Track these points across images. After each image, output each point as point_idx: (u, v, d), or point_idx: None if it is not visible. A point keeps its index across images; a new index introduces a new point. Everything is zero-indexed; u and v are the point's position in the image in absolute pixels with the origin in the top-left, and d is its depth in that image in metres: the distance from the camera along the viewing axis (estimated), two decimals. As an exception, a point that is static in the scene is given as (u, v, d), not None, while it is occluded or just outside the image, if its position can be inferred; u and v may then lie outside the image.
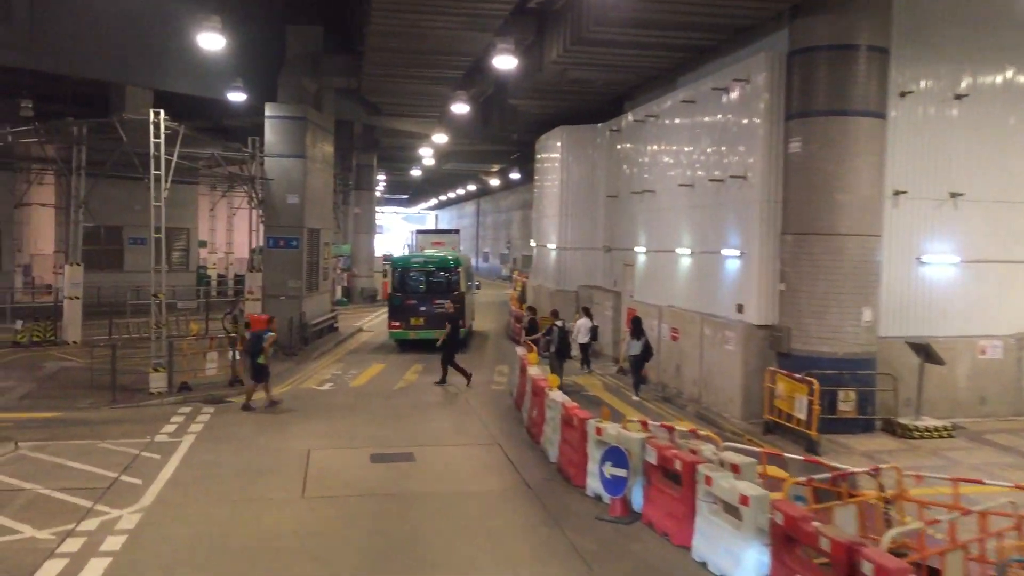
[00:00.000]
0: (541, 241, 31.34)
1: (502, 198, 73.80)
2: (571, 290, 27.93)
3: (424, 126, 35.67)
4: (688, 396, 19.54)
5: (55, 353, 24.29)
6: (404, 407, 19.31)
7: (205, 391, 19.97)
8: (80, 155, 25.47)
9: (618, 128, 25.72)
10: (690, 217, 20.29)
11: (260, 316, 25.99)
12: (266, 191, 27.50)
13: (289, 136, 27.26)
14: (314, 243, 29.12)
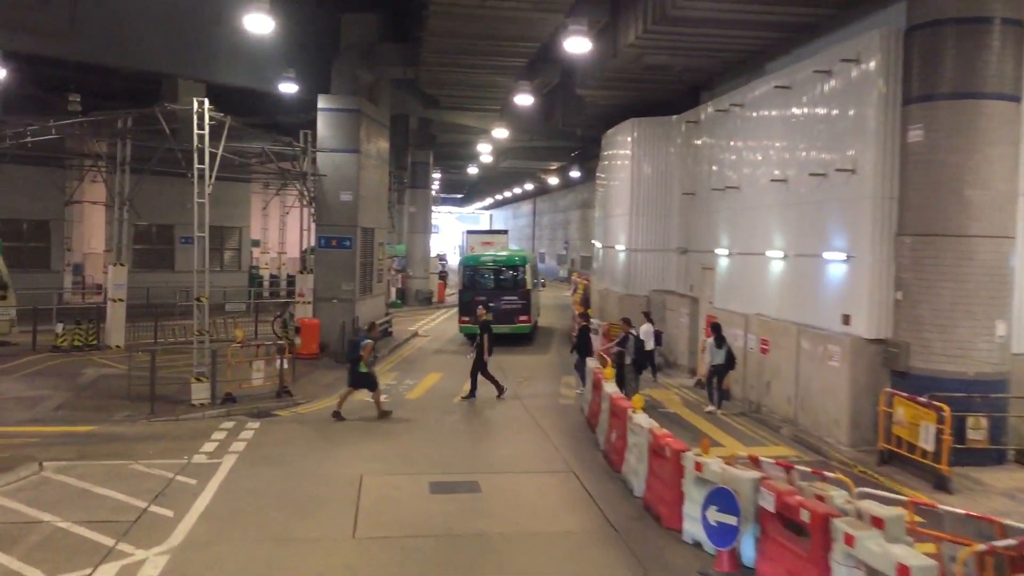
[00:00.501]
0: (608, 242, 29.40)
1: (560, 197, 71.94)
2: (641, 295, 25.95)
3: (483, 120, 33.97)
4: (781, 416, 17.47)
5: (96, 358, 23.07)
6: (465, 424, 17.59)
7: (250, 403, 18.50)
8: (124, 150, 24.24)
9: (696, 120, 23.68)
10: (783, 216, 18.22)
11: (311, 320, 24.65)
12: (318, 188, 26.04)
13: (342, 130, 25.76)
14: (368, 243, 27.60)
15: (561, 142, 41.51)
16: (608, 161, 30.29)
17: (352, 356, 17.75)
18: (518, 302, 28.98)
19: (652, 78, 22.89)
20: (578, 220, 65.48)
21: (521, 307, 29.02)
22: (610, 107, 27.42)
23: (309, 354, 24.35)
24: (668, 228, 25.54)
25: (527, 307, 29.18)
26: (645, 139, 25.87)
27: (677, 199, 25.08)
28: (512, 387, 21.65)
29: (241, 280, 42.12)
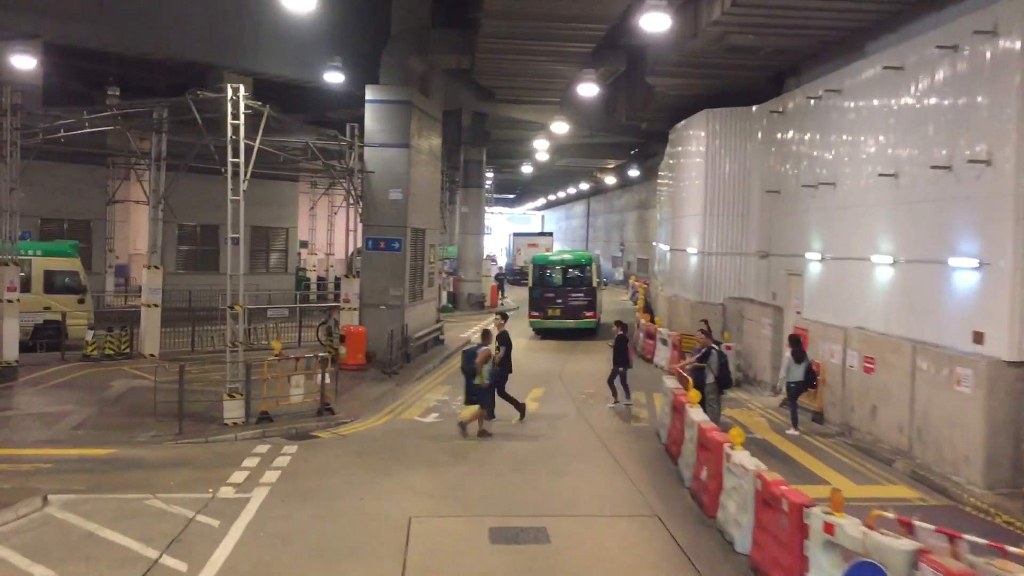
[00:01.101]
0: (677, 244, 27.16)
1: (615, 197, 69.57)
2: (716, 303, 23.69)
3: (541, 114, 31.93)
4: (891, 447, 15.11)
5: (128, 368, 21.50)
6: (526, 450, 15.55)
7: (288, 422, 16.70)
8: (160, 144, 22.66)
9: (781, 109, 21.34)
10: (892, 216, 15.85)
11: (357, 328, 22.87)
12: (365, 186, 24.25)
13: (392, 123, 23.93)
14: (418, 245, 25.74)
15: (622, 138, 39.34)
16: (676, 158, 28.05)
17: (468, 368, 16.30)
18: (584, 299, 31.30)
19: (733, 63, 20.62)
20: (635, 221, 63.07)
21: (587, 303, 31.32)
22: (680, 98, 25.18)
23: (355, 365, 22.56)
24: (746, 230, 23.25)
25: (593, 304, 31.40)
26: (721, 132, 23.59)
27: (757, 198, 22.77)
28: (576, 404, 19.62)
29: (288, 283, 40.64)
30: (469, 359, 16.36)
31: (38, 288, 23.99)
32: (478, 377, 16.15)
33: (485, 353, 16.26)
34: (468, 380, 16.36)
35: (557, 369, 24.80)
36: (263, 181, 38.69)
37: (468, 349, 16.90)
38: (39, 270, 24.12)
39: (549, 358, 26.96)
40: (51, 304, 24.08)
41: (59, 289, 24.44)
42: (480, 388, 16.22)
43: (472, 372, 16.22)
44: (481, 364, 16.11)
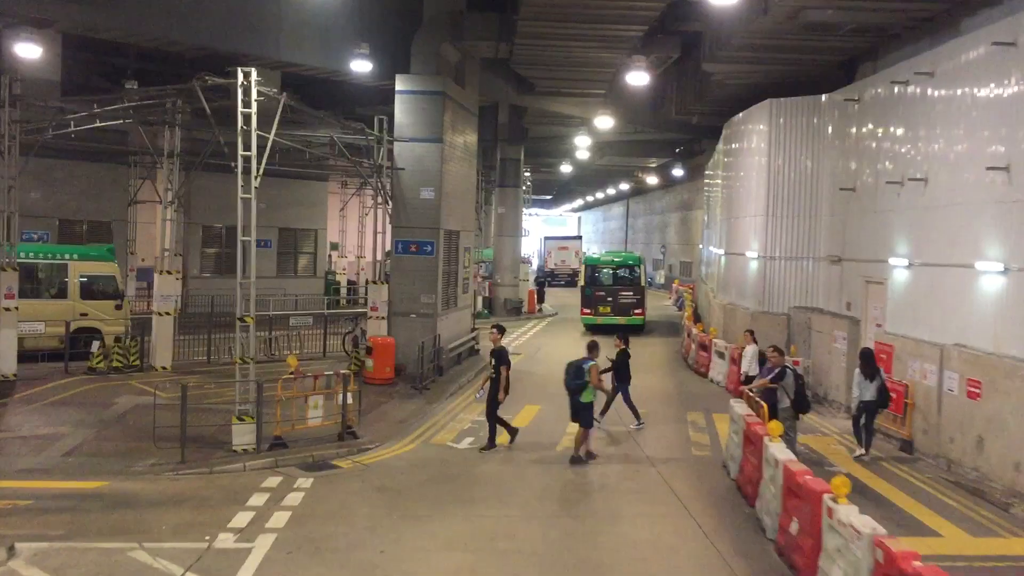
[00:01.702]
0: (733, 248, 24.94)
1: (656, 198, 67.25)
2: (779, 313, 21.46)
3: (584, 108, 29.86)
4: (1006, 487, 12.85)
5: (136, 383, 19.74)
6: (575, 487, 13.53)
7: (304, 449, 14.81)
8: (173, 139, 20.91)
9: (857, 97, 19.07)
10: (1003, 216, 13.58)
11: (384, 339, 21.00)
12: (395, 184, 22.36)
13: (424, 115, 22.01)
14: (452, 248, 23.80)
15: (668, 134, 37.18)
16: (732, 154, 25.86)
17: (574, 383, 14.76)
18: (633, 297, 33.62)
19: (803, 44, 18.46)
20: (677, 223, 60.74)
21: (636, 301, 33.64)
22: (739, 87, 23.03)
23: (382, 379, 20.67)
24: (815, 232, 21.01)
25: (641, 302, 33.77)
26: (786, 124, 21.35)
27: (828, 196, 20.53)
28: (627, 424, 17.51)
29: (317, 287, 38.91)
30: (575, 374, 14.80)
31: (75, 294, 22.56)
32: (585, 393, 14.66)
33: (595, 369, 14.81)
34: (573, 397, 14.84)
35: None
36: (290, 181, 37.19)
37: (573, 363, 15.13)
38: (75, 275, 22.67)
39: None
40: (87, 310, 22.61)
41: (96, 295, 23.01)
42: (587, 405, 14.72)
43: (578, 388, 14.71)
44: (594, 379, 14.76)
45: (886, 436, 16.31)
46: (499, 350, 15.46)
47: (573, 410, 14.97)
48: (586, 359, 14.98)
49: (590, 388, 14.75)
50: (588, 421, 14.77)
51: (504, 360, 15.37)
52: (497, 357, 15.38)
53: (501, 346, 15.58)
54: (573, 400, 14.90)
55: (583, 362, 14.88)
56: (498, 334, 15.84)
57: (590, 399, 14.77)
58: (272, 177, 36.76)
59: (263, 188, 36.78)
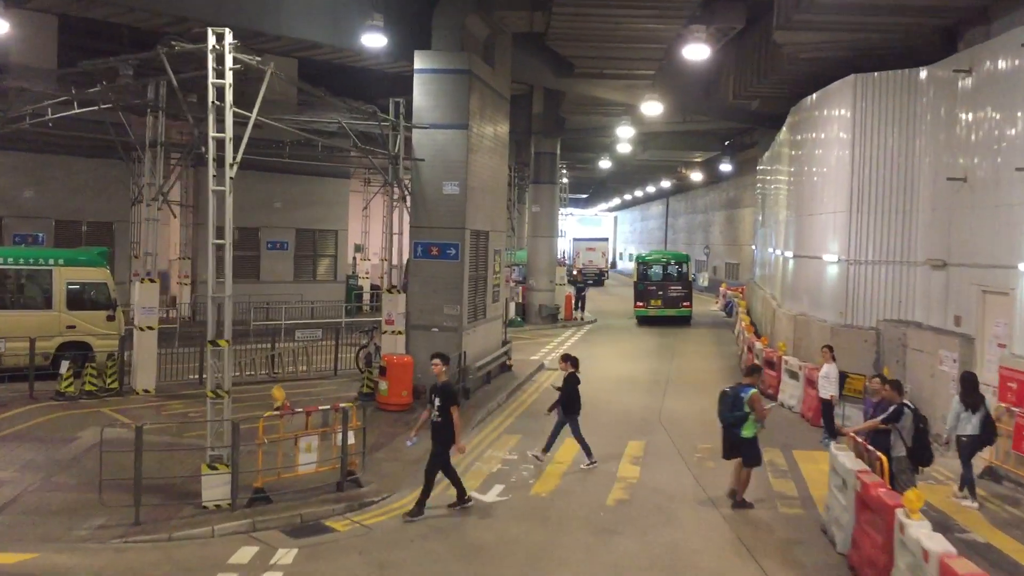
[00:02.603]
0: (803, 250, 21.63)
1: (699, 196, 63.80)
2: (866, 327, 18.16)
3: (630, 93, 26.65)
4: None
5: (109, 411, 16.87)
6: (634, 558, 10.42)
7: (292, 504, 11.86)
8: (157, 127, 18.08)
9: (968, 68, 15.72)
10: None
11: (401, 358, 18.05)
12: (414, 177, 19.40)
13: (447, 98, 19.01)
14: (480, 251, 20.78)
15: (720, 124, 33.87)
16: (801, 143, 22.56)
17: (732, 415, 12.40)
18: (681, 291, 36.92)
19: (899, 4, 15.16)
20: (722, 222, 57.25)
21: (684, 295, 36.99)
22: (813, 63, 19.77)
23: (398, 405, 17.73)
24: (911, 231, 17.71)
25: (688, 295, 37.26)
26: (875, 103, 18.05)
27: (928, 188, 17.20)
28: (691, 468, 14.40)
29: (337, 293, 36.06)
30: (732, 404, 12.42)
31: (60, 304, 19.87)
32: (746, 427, 12.27)
33: (756, 397, 12.40)
34: (730, 431, 12.47)
35: (655, 406, 19.56)
36: (308, 178, 34.44)
37: (729, 391, 12.67)
38: (61, 282, 19.98)
39: (644, 387, 21.73)
40: (75, 322, 19.94)
41: (85, 304, 20.31)
42: (748, 440, 12.32)
43: (737, 421, 12.35)
44: (759, 410, 12.32)
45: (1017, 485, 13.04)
46: (444, 385, 12.02)
47: (728, 445, 12.55)
48: (744, 386, 12.54)
49: (752, 420, 12.26)
50: (755, 458, 12.43)
51: (452, 398, 11.97)
52: (442, 394, 11.91)
53: (446, 380, 12.15)
54: (730, 434, 12.49)
55: (741, 389, 12.45)
56: (442, 364, 12.12)
57: (752, 433, 12.31)
58: (288, 174, 34.55)
59: (279, 186, 34.08)
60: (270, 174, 32.94)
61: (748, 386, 12.55)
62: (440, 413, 11.78)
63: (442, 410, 11.78)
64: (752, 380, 12.86)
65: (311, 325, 25.50)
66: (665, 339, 32.49)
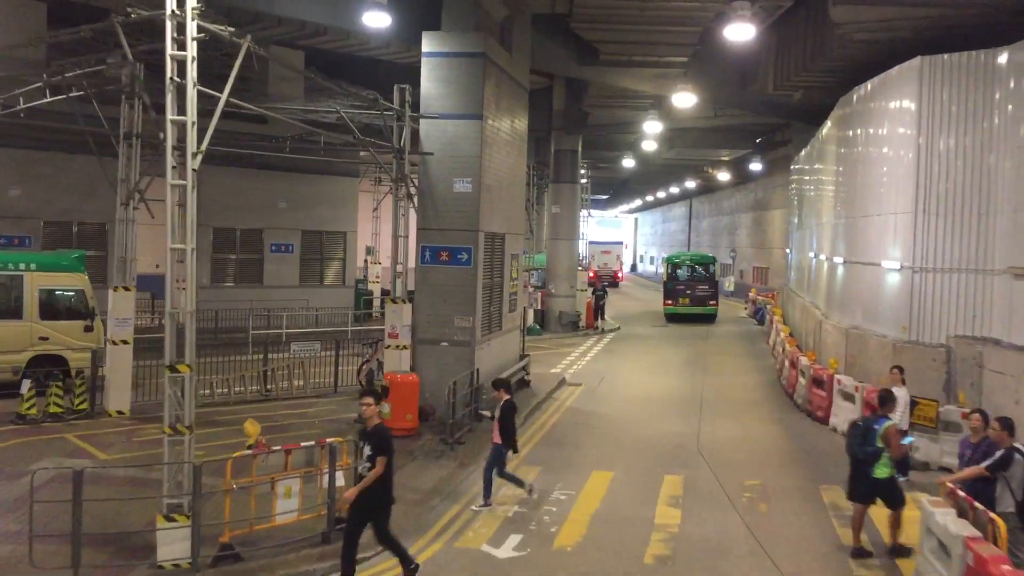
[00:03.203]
0: (856, 255, 19.41)
1: (725, 197, 61.53)
2: (934, 344, 15.94)
3: (659, 82, 24.53)
4: None
5: (74, 437, 14.90)
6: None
7: (268, 560, 9.89)
8: (134, 117, 16.11)
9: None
10: None
11: (406, 377, 16.04)
12: (421, 173, 17.37)
13: (458, 84, 16.99)
14: (495, 255, 18.73)
15: (758, 118, 31.61)
16: (852, 138, 20.34)
17: (864, 451, 10.50)
18: (708, 290, 39.48)
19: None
20: (749, 224, 54.96)
21: (711, 294, 39.55)
22: (868, 46, 17.65)
23: (402, 429, 15.64)
24: (988, 235, 15.46)
25: (715, 294, 39.92)
26: (946, 90, 15.83)
27: (1011, 187, 14.96)
28: (739, 512, 12.24)
29: (346, 298, 34.07)
30: (864, 438, 10.53)
31: (32, 313, 18.00)
32: (880, 466, 10.44)
33: (892, 430, 10.50)
34: (860, 469, 10.62)
35: (690, 432, 17.42)
36: (315, 177, 32.52)
37: (861, 422, 10.97)
38: (33, 289, 18.12)
39: (676, 408, 19.61)
40: (49, 334, 18.07)
41: (60, 314, 18.45)
42: (884, 481, 10.53)
43: (870, 458, 10.44)
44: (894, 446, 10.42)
45: None
46: (377, 430, 9.25)
47: (856, 485, 10.70)
48: (878, 417, 10.72)
49: (887, 458, 10.44)
50: (898, 498, 10.62)
51: (384, 446, 9.09)
52: (375, 441, 9.13)
53: (379, 423, 9.35)
54: (859, 473, 10.65)
55: (874, 421, 10.68)
56: (374, 403, 9.31)
57: (887, 473, 10.50)
58: (294, 173, 32.59)
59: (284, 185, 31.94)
60: (274, 172, 31.11)
61: (882, 417, 10.60)
62: (370, 463, 9.01)
63: (372, 460, 9.01)
64: (886, 410, 10.81)
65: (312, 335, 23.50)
66: (694, 349, 30.34)
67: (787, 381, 21.82)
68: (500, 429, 12.34)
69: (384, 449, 9.05)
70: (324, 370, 20.30)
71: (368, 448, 9.14)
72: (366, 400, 9.34)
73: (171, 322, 9.86)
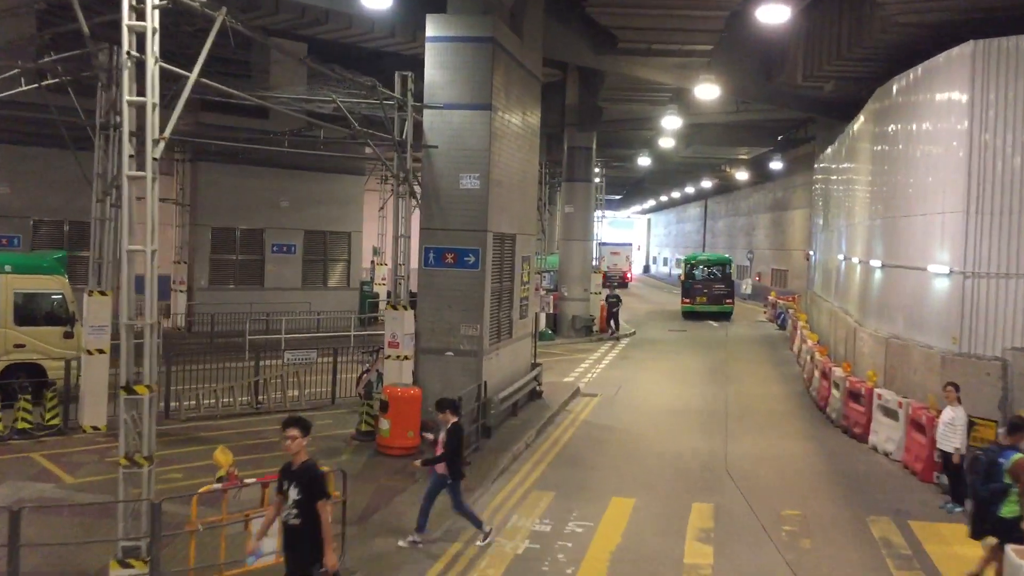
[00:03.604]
0: (896, 257, 17.92)
1: (742, 197, 60.04)
2: (988, 357, 14.47)
3: (680, 73, 23.04)
4: None
5: (41, 457, 13.55)
6: None
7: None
8: (111, 102, 14.78)
9: None
10: None
11: (406, 391, 14.69)
12: (425, 168, 16.01)
13: (465, 72, 15.62)
14: (505, 258, 17.36)
15: (780, 113, 30.10)
16: (889, 133, 18.87)
17: (987, 488, 9.13)
18: (724, 289, 41.24)
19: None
20: (768, 225, 53.47)
21: (727, 293, 41.17)
22: (916, 29, 16.18)
23: (402, 448, 14.38)
24: (1050, 236, 14.00)
25: (731, 293, 41.51)
26: (1002, 77, 14.34)
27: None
28: (781, 549, 10.79)
29: (351, 301, 32.74)
30: (987, 473, 9.17)
31: (6, 318, 16.73)
32: (1008, 504, 8.97)
33: (1020, 463, 8.91)
34: (984, 508, 9.24)
35: (717, 450, 15.98)
36: (319, 175, 31.20)
37: (982, 455, 9.66)
38: (7, 292, 16.85)
39: (699, 421, 18.19)
40: (25, 340, 16.79)
41: (37, 319, 17.17)
42: (1008, 523, 8.97)
43: (995, 496, 9.06)
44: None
45: None
46: (305, 468, 7.44)
47: (979, 523, 9.31)
48: (1003, 449, 9.27)
49: (1015, 496, 8.97)
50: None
51: (318, 488, 7.40)
52: (305, 481, 7.38)
53: (307, 460, 7.51)
54: (983, 512, 9.25)
55: (1000, 453, 9.23)
56: (300, 436, 7.41)
57: (1015, 512, 8.95)
58: (296, 170, 31.20)
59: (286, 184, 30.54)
60: (276, 170, 29.92)
61: (1010, 449, 9.15)
62: (299, 511, 7.33)
63: (301, 507, 7.33)
64: (1014, 440, 9.29)
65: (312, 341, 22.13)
66: (714, 355, 28.89)
67: (818, 393, 20.36)
68: (449, 453, 10.67)
69: (318, 492, 7.33)
70: (322, 378, 18.93)
71: (295, 491, 7.31)
72: (291, 432, 7.36)
73: (127, 335, 8.53)
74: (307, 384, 18.48)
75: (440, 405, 11.17)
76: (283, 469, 7.56)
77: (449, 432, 10.76)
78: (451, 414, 10.95)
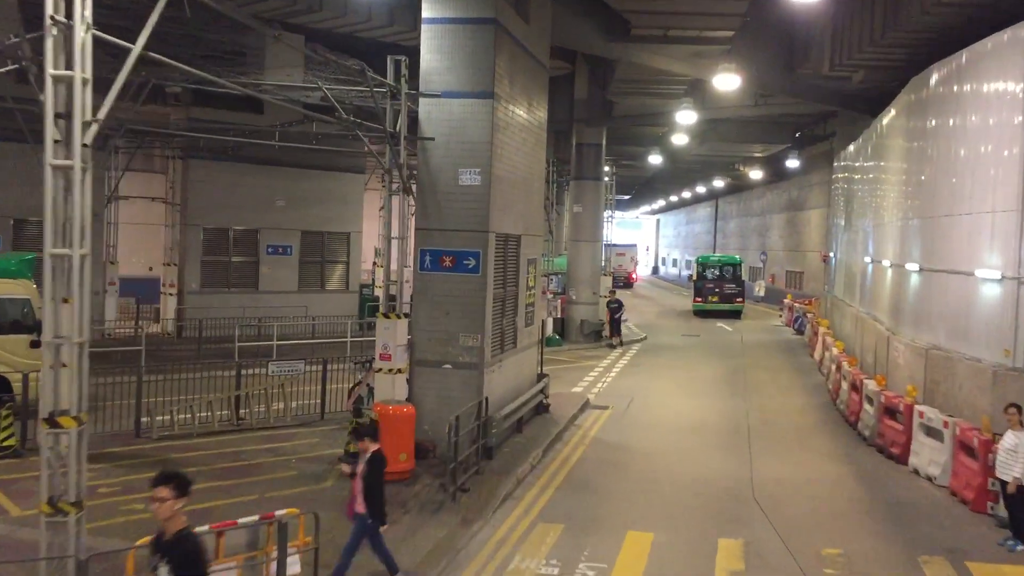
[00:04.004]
0: (936, 261, 16.40)
1: (754, 197, 58.55)
2: (1047, 371, 12.99)
3: (697, 63, 21.57)
4: None
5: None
6: None
7: None
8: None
9: None
10: None
11: (399, 409, 13.31)
12: (420, 162, 14.59)
13: (465, 56, 14.20)
14: (508, 261, 15.92)
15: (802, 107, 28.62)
16: (925, 129, 17.38)
17: None
18: (735, 288, 43.25)
19: None
20: (782, 225, 51.96)
21: (738, 292, 43.24)
22: (962, 7, 14.73)
23: (394, 473, 12.82)
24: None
25: (741, 292, 43.57)
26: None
27: None
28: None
29: (350, 304, 31.36)
30: None
31: None
32: None
33: None
34: None
35: (742, 474, 14.52)
36: (317, 173, 29.83)
37: None
38: None
39: (720, 439, 16.73)
40: None
41: (2, 327, 15.88)
42: None
43: None
44: None
45: None
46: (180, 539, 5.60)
47: None
48: None
49: None
50: None
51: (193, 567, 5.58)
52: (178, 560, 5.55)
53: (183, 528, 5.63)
54: None
55: None
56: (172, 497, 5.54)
57: None
58: (292, 168, 29.74)
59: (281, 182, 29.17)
60: (271, 168, 28.61)
61: None
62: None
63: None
64: None
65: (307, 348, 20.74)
66: (730, 363, 27.41)
67: (847, 406, 18.87)
68: (365, 493, 9.13)
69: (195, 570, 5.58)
70: (312, 389, 17.51)
71: (165, 569, 5.56)
72: (160, 493, 5.51)
73: (53, 355, 7.16)
74: (295, 396, 17.08)
75: (357, 433, 9.73)
76: (154, 541, 5.73)
77: (369, 463, 9.22)
78: (370, 442, 9.40)
